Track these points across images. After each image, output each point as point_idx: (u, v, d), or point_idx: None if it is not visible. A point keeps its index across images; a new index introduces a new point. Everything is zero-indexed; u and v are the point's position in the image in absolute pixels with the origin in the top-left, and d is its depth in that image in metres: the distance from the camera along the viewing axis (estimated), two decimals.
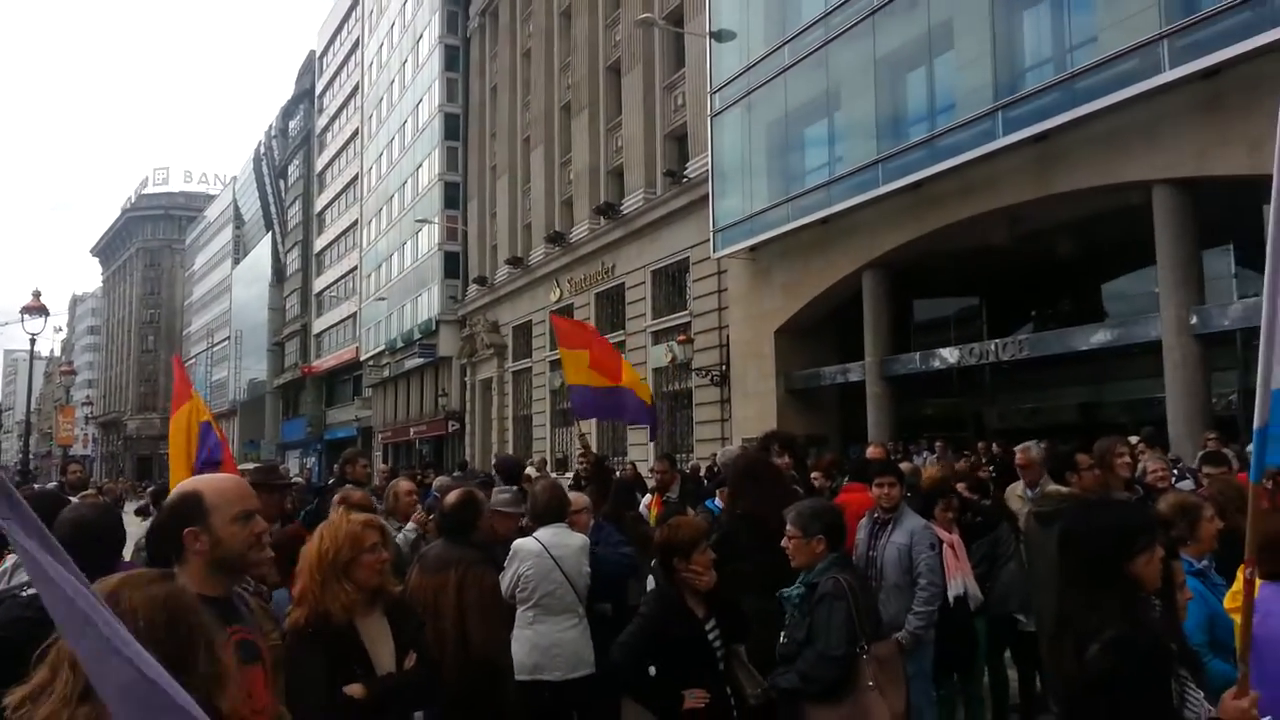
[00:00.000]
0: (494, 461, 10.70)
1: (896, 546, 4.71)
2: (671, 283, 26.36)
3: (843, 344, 21.06)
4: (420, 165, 46.08)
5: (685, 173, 24.70)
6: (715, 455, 15.09)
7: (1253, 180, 12.54)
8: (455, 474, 11.27)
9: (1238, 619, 3.14)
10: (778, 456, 6.68)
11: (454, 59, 44.13)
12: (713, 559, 4.08)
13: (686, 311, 25.03)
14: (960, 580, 5.42)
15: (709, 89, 22.70)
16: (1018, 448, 7.13)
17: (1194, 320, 13.00)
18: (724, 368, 23.06)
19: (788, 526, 4.05)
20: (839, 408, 21.68)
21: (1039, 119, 14.31)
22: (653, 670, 3.90)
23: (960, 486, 7.14)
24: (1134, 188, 13.76)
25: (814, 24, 19.34)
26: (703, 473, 14.37)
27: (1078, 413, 17.90)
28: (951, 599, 5.30)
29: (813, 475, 7.56)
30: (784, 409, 20.96)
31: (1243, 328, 13.31)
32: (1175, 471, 8.05)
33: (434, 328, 42.81)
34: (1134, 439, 12.41)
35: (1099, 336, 15.49)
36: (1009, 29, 15.56)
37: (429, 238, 44.08)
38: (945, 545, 5.45)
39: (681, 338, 23.86)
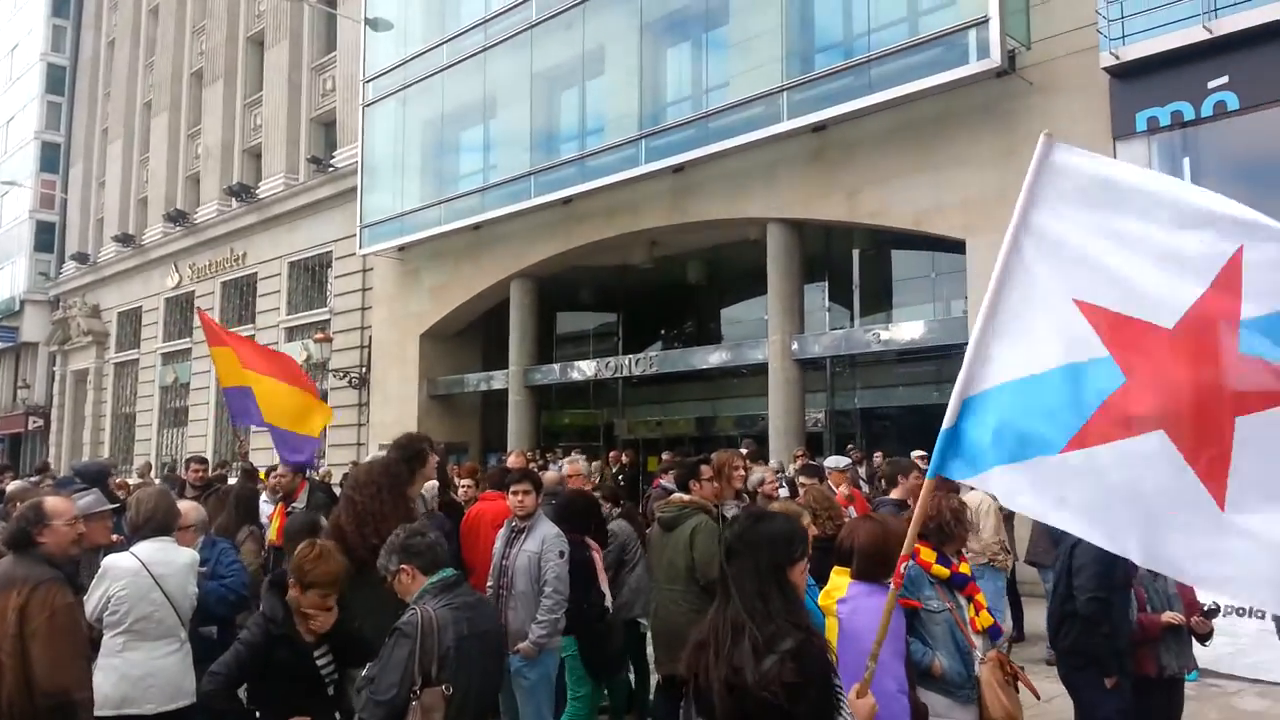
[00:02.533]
0: (73, 466, 9.28)
1: (528, 554, 4.69)
2: (311, 277, 24.82)
3: (488, 351, 21.12)
4: (13, 119, 39.46)
5: (332, 161, 23.42)
6: (352, 464, 14.35)
7: (847, 225, 14.47)
8: (32, 478, 9.60)
9: (830, 620, 3.46)
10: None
11: (63, 4, 38.46)
12: (331, 605, 3.83)
13: (326, 309, 23.70)
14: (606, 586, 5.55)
15: (362, 76, 21.76)
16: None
17: (794, 346, 14.63)
18: (364, 370, 22.14)
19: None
20: (481, 415, 21.70)
21: (677, 151, 15.36)
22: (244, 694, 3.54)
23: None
24: (753, 224, 15.23)
25: (474, 28, 19.26)
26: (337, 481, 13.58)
27: (696, 425, 19.40)
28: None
29: (462, 484, 7.46)
30: (426, 414, 20.54)
31: (831, 355, 15.27)
32: (781, 480, 8.94)
33: (17, 307, 36.77)
34: (744, 451, 13.78)
35: (716, 357, 16.93)
36: (654, 63, 16.56)
37: (17, 202, 37.82)
38: (593, 552, 5.56)
39: (319, 336, 22.48)
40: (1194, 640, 4.92)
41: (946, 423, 2.68)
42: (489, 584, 5.21)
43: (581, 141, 17.58)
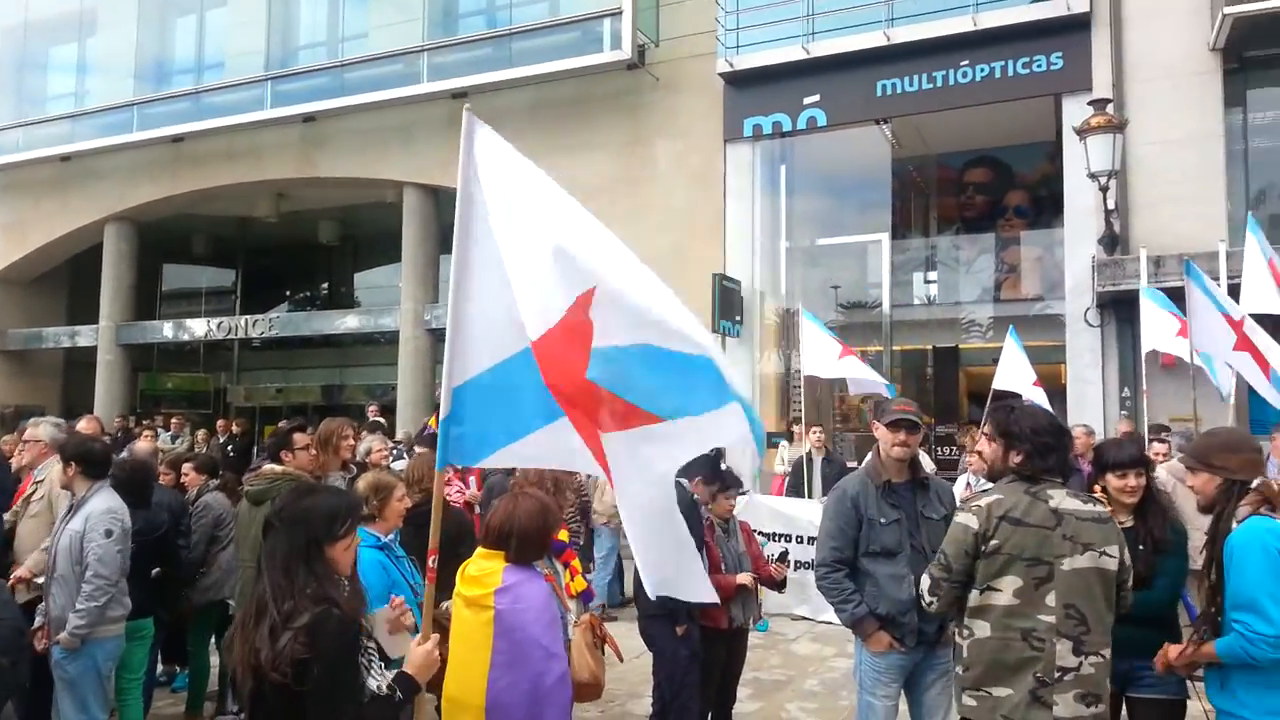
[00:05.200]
0: None
1: (70, 534, 4.08)
2: None
3: (74, 303, 18.48)
4: None
5: None
6: None
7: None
8: None
9: (484, 614, 3.26)
10: None
11: None
12: None
13: None
14: None
15: None
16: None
17: (428, 316, 14.39)
18: None
19: None
20: (64, 375, 18.94)
21: (308, 99, 14.44)
22: None
23: (187, 467, 6.70)
24: (391, 185, 14.71)
25: None
26: None
27: (322, 394, 18.47)
28: None
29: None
30: None
31: None
32: (395, 451, 8.71)
33: None
34: (373, 417, 13.31)
35: (348, 322, 16.20)
36: (286, 1, 15.39)
37: None
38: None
39: None
40: (770, 589, 5.52)
41: (442, 413, 2.69)
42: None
43: (198, 75, 15.93)
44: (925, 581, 3.22)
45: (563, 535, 4.70)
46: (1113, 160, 9.47)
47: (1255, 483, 3.19)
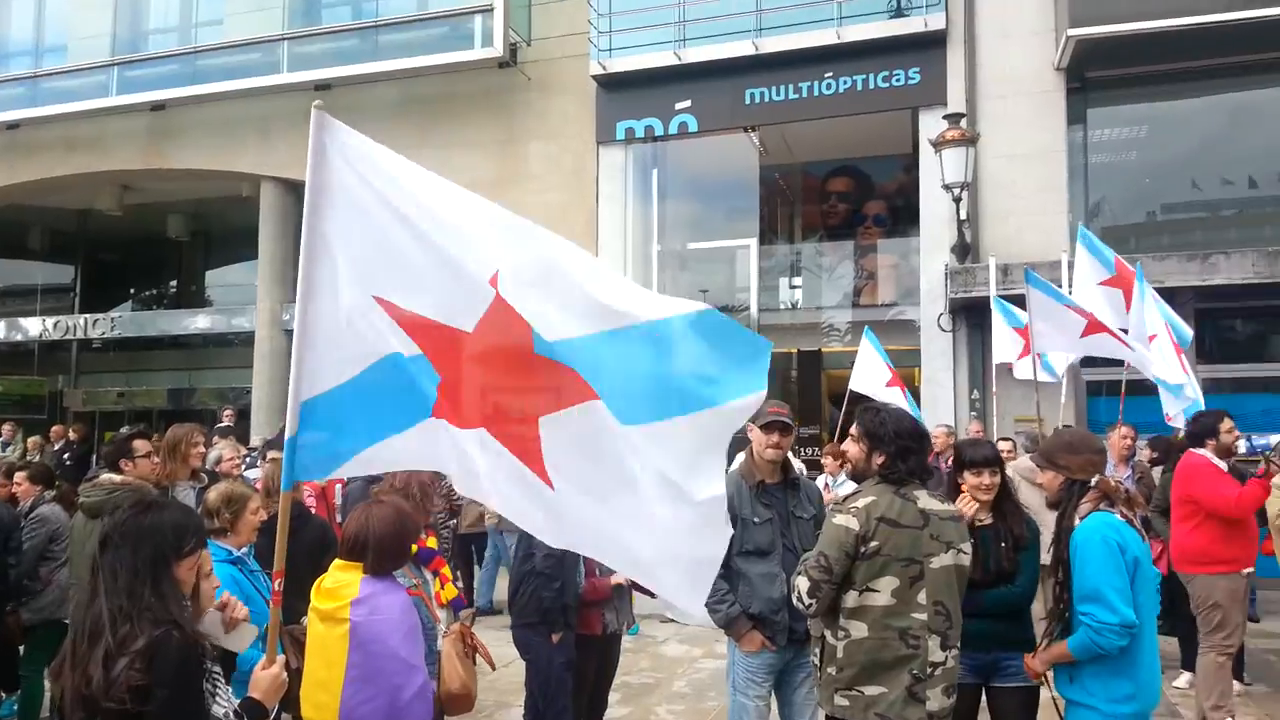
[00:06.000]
0: None
1: None
2: None
3: None
4: None
5: None
6: None
7: None
8: None
9: (339, 628, 3.09)
10: None
11: None
12: None
13: None
14: None
15: None
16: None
17: (285, 316, 13.77)
18: None
19: None
20: None
21: (157, 86, 13.63)
22: None
23: (20, 476, 6.19)
24: (246, 179, 14.04)
25: None
26: None
27: (169, 398, 17.42)
28: None
29: None
30: None
31: None
32: (249, 458, 8.28)
33: None
34: (226, 422, 12.67)
35: (199, 322, 15.38)
36: None
37: None
38: None
39: None
40: (640, 593, 5.48)
41: (289, 431, 2.54)
42: None
43: (37, 59, 14.82)
44: (804, 584, 3.20)
45: (431, 542, 4.56)
46: (965, 172, 9.95)
47: (1094, 480, 3.37)
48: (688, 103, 11.92)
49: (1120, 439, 7.30)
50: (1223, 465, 5.68)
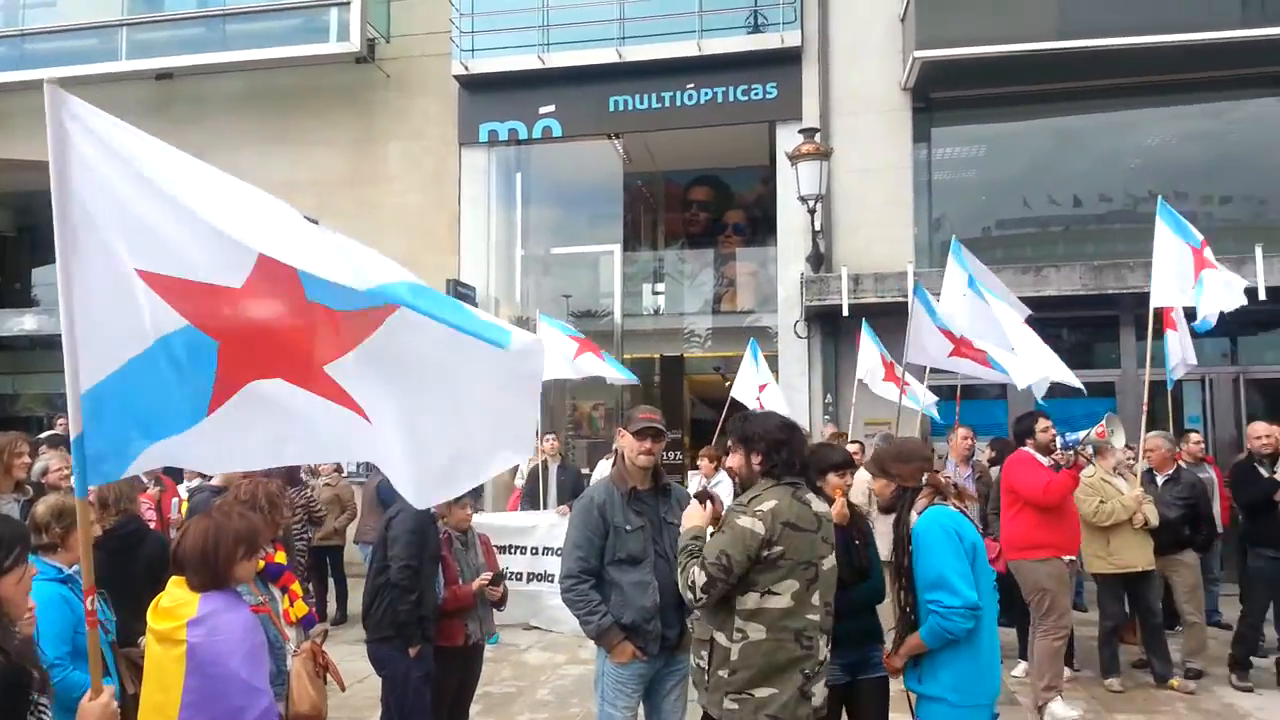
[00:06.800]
0: None
1: None
2: None
3: None
4: None
5: None
6: None
7: None
8: None
9: (174, 650, 2.89)
10: None
11: None
12: None
13: None
14: None
15: None
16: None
17: None
18: None
19: None
20: None
21: None
22: None
23: None
24: None
25: None
26: None
27: None
28: None
29: None
30: None
31: None
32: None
33: None
34: (56, 430, 11.78)
35: (25, 323, 14.28)
36: None
37: None
38: None
39: None
40: (495, 606, 5.41)
41: (74, 430, 2.38)
42: None
43: None
44: (700, 578, 3.14)
45: (280, 557, 4.38)
46: (819, 185, 10.33)
47: (924, 478, 3.56)
48: (551, 107, 11.91)
49: (961, 440, 7.75)
50: (1045, 461, 6.14)
